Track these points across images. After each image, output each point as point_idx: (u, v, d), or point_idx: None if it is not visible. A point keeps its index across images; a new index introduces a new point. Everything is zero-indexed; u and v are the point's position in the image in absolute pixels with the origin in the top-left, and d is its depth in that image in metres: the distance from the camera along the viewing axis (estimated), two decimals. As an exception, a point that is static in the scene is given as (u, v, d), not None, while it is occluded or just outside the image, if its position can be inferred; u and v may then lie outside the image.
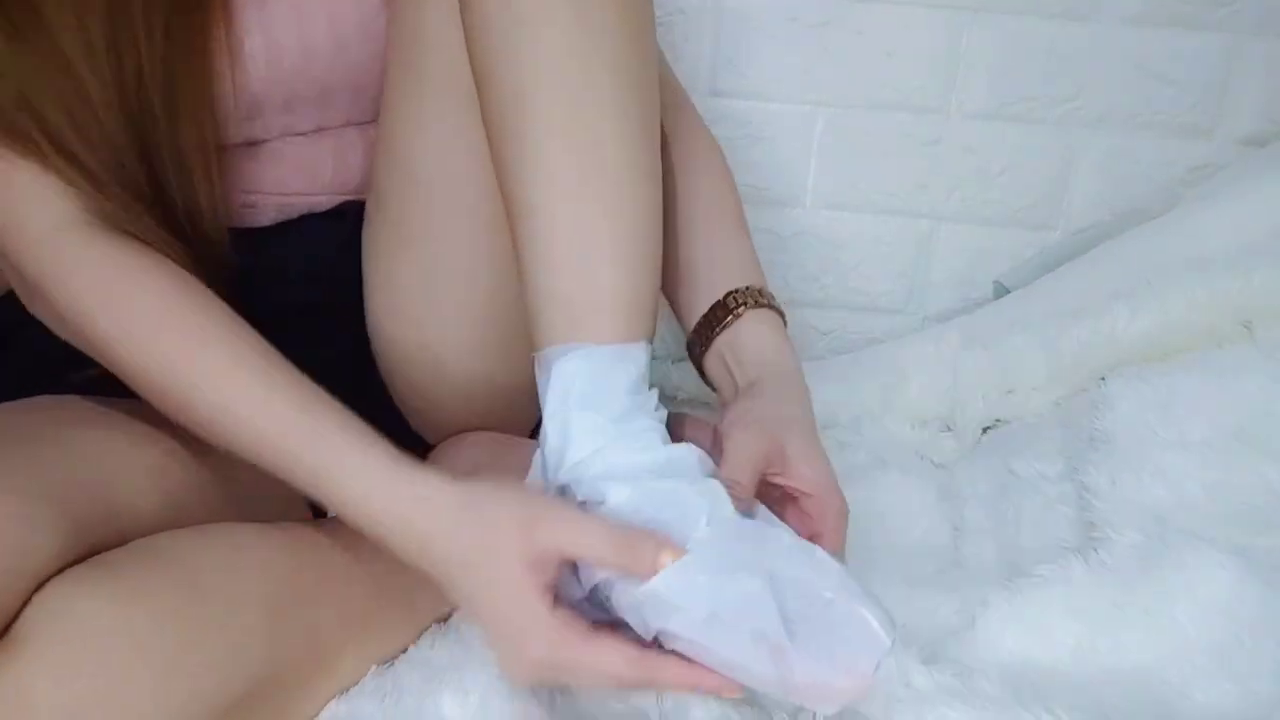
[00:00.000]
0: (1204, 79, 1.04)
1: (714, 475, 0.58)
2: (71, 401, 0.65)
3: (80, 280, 0.61)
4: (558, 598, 0.55)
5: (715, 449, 0.67)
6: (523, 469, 0.67)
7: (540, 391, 0.61)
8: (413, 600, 0.66)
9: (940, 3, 1.02)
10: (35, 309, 0.68)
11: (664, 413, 0.62)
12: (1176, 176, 1.07)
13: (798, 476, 0.61)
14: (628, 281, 0.60)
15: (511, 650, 0.55)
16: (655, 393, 0.62)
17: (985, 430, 0.94)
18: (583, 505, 0.57)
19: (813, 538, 0.58)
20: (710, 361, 0.70)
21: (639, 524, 0.55)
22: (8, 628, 0.49)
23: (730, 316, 0.68)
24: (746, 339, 0.68)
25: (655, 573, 0.53)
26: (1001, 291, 1.09)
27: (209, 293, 0.62)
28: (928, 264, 1.10)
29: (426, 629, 0.67)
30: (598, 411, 0.58)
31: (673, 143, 0.72)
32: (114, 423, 0.62)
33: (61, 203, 0.61)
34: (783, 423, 0.62)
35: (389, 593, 0.58)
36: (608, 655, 0.54)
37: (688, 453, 0.59)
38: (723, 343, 0.69)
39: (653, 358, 0.62)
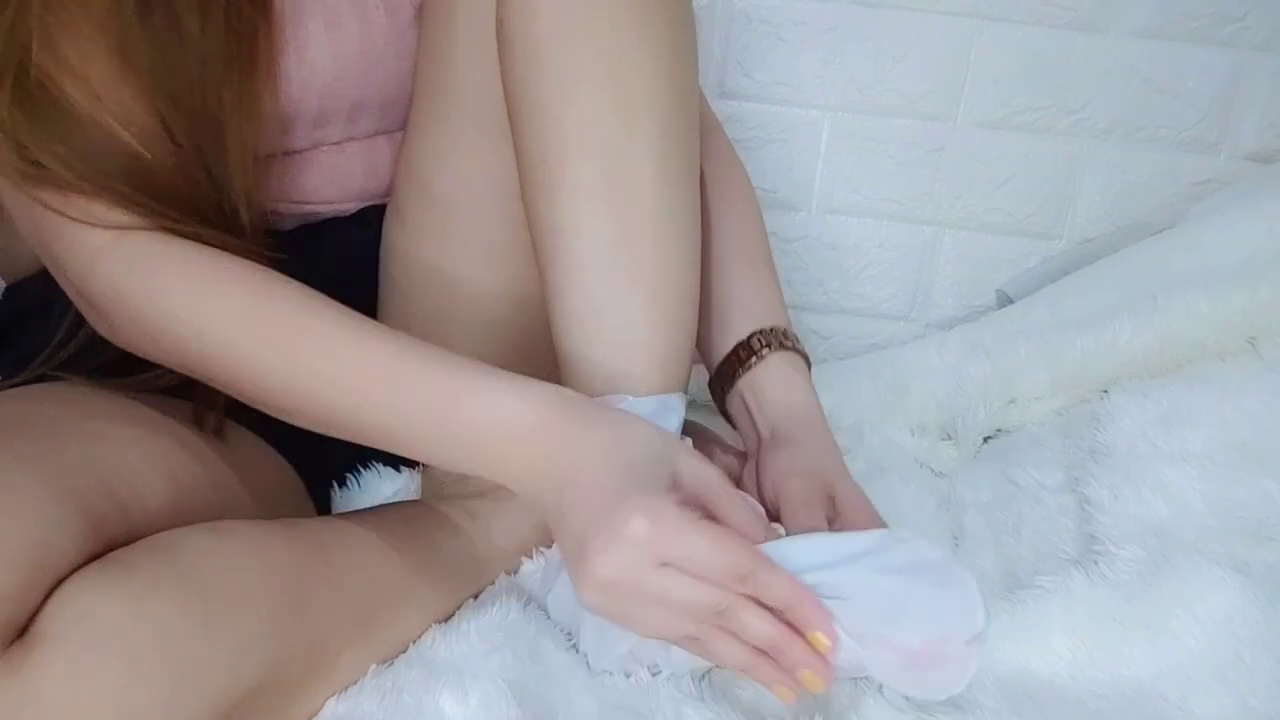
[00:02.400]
0: (1211, 94, 1.04)
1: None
2: (79, 391, 0.64)
3: (160, 279, 0.59)
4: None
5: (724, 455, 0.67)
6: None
7: None
8: (414, 599, 0.66)
9: (950, 11, 1.02)
10: (100, 328, 0.65)
11: None
12: (1181, 190, 1.07)
13: (851, 524, 0.61)
14: (665, 335, 0.60)
15: (606, 535, 0.51)
16: (689, 442, 0.62)
17: (986, 439, 0.94)
18: None
19: None
20: (732, 402, 0.69)
21: None
22: (26, 627, 0.49)
23: (754, 358, 0.68)
24: (769, 382, 0.68)
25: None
26: (1005, 300, 1.09)
27: (285, 277, 0.61)
28: (931, 271, 1.10)
29: (427, 628, 0.67)
30: None
31: (703, 170, 0.70)
32: (122, 415, 0.62)
33: (114, 215, 0.60)
34: (826, 470, 0.63)
35: (391, 592, 0.58)
36: (726, 539, 0.51)
37: None
38: (745, 385, 0.68)
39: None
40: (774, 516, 0.63)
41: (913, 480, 0.88)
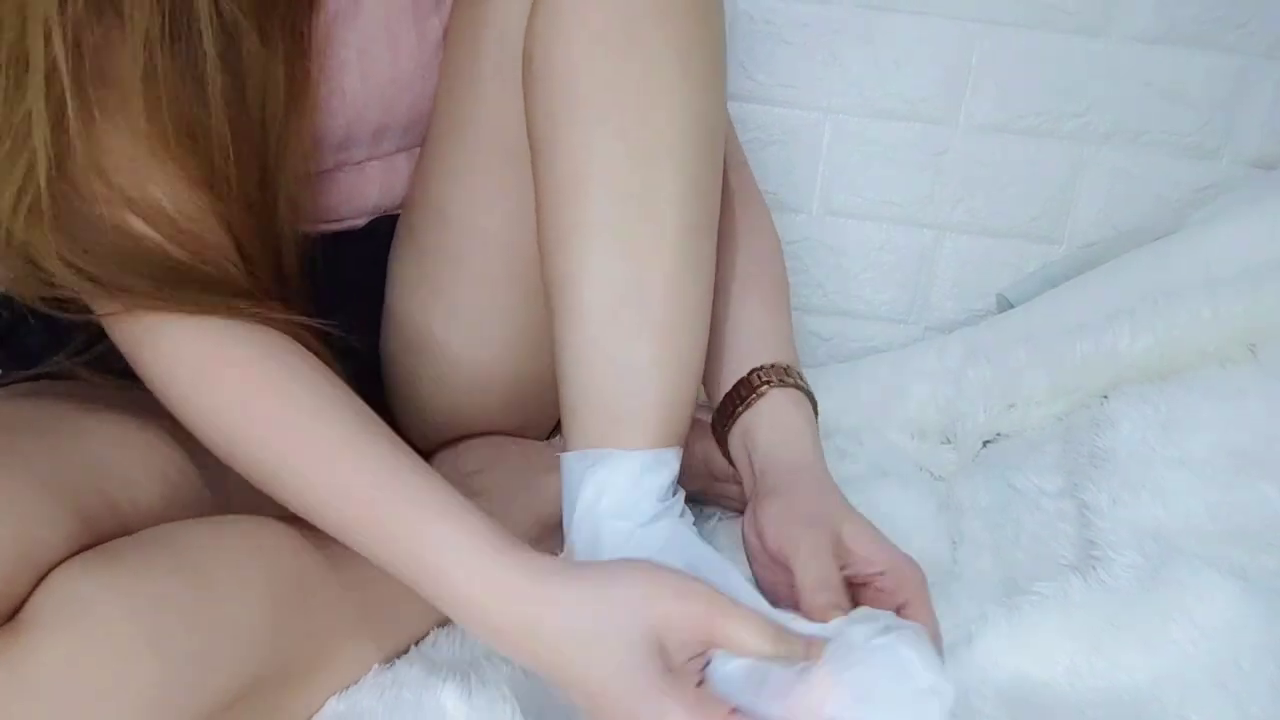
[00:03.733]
0: (1213, 99, 1.04)
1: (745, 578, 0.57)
2: (71, 387, 0.64)
3: (167, 362, 0.58)
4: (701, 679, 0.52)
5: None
6: (529, 467, 0.67)
7: (567, 488, 0.60)
8: (415, 596, 0.65)
9: (952, 14, 1.02)
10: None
11: (689, 517, 0.61)
12: (1183, 196, 1.07)
13: (865, 561, 0.59)
14: (669, 392, 0.59)
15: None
16: (682, 495, 0.61)
17: (985, 444, 0.94)
18: None
19: (898, 611, 0.57)
20: (732, 442, 0.67)
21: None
22: (13, 615, 0.49)
23: (753, 395, 0.66)
24: (765, 422, 0.66)
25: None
26: (1005, 304, 1.09)
27: (298, 356, 0.59)
28: (931, 274, 1.10)
29: (429, 625, 0.67)
30: (628, 519, 0.57)
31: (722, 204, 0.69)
32: (116, 412, 0.62)
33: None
34: (828, 515, 0.60)
35: (392, 587, 0.57)
36: None
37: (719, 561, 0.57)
38: (741, 424, 0.66)
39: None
40: (783, 565, 0.60)
41: (912, 484, 0.88)
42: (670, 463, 0.60)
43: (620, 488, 0.58)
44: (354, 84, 0.67)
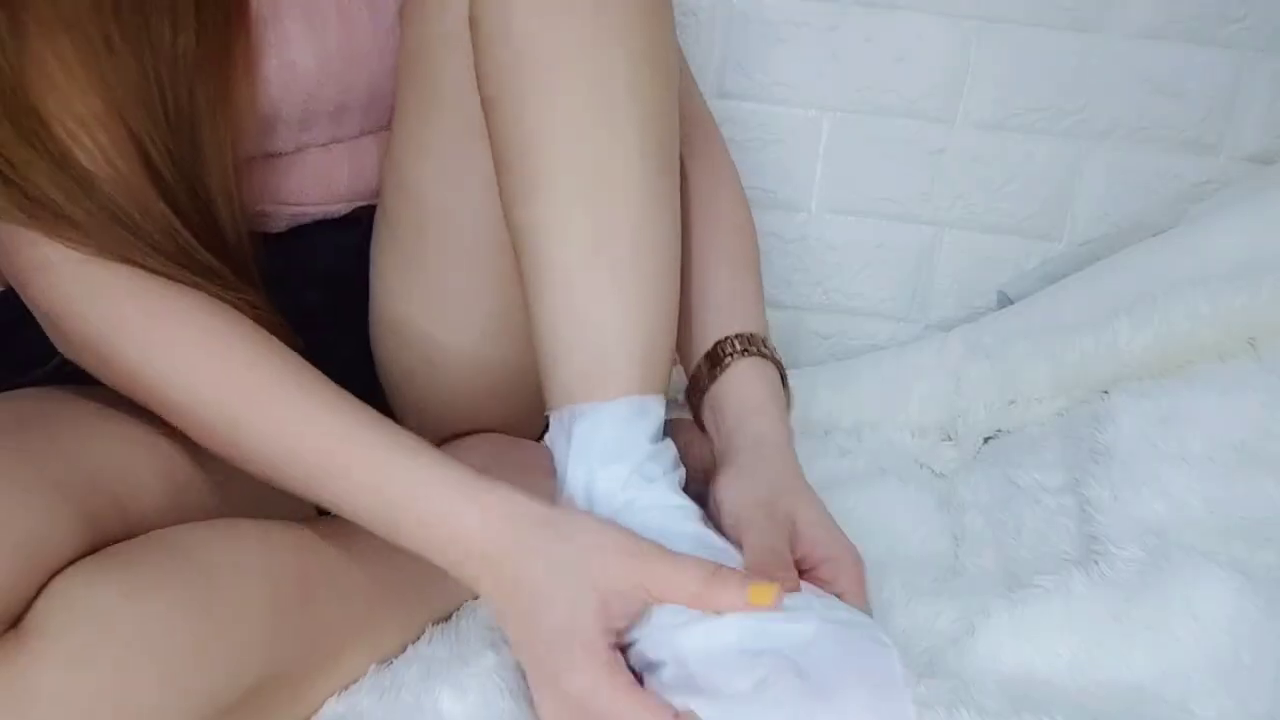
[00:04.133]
0: (1211, 94, 1.04)
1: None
2: (76, 390, 0.64)
3: (102, 309, 0.59)
4: (619, 641, 0.53)
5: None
6: (528, 467, 0.67)
7: (555, 448, 0.61)
8: (413, 598, 0.66)
9: (949, 11, 1.02)
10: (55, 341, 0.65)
11: (682, 471, 0.61)
12: (1182, 191, 1.07)
13: (813, 545, 0.60)
14: (644, 340, 0.59)
15: (549, 678, 0.53)
16: (671, 444, 0.61)
17: (986, 440, 0.94)
18: None
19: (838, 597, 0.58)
20: (705, 414, 0.68)
21: None
22: (19, 619, 0.49)
23: (718, 369, 0.67)
24: (731, 392, 0.66)
25: (737, 606, 0.52)
26: (1004, 301, 1.09)
27: (243, 318, 0.60)
28: (931, 271, 1.10)
29: (426, 627, 0.67)
30: (621, 463, 0.58)
31: (689, 170, 0.69)
32: (122, 414, 0.62)
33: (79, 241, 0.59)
34: (785, 496, 0.61)
35: (391, 591, 0.58)
36: (648, 714, 0.51)
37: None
38: (710, 395, 0.67)
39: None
40: (736, 543, 0.61)
41: (913, 481, 0.88)
42: (654, 409, 0.60)
43: (608, 435, 0.58)
44: (305, 60, 0.67)
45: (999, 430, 0.94)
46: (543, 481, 0.75)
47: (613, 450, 0.58)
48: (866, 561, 0.63)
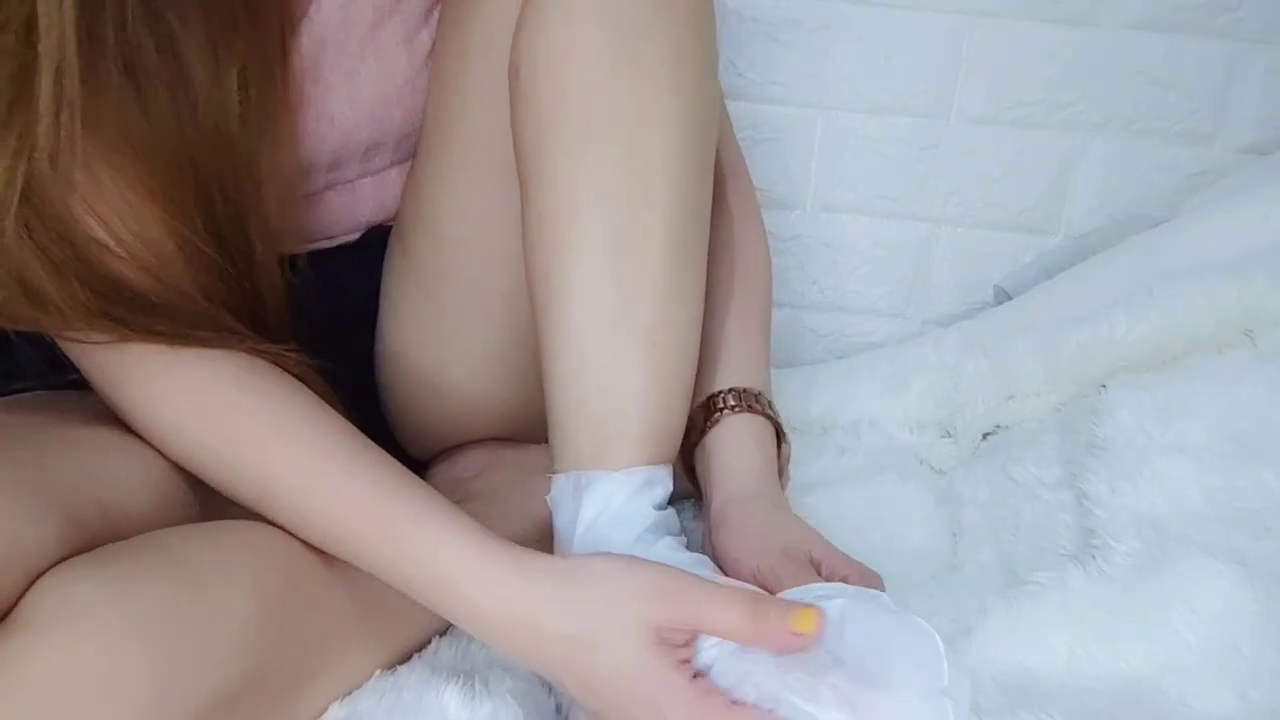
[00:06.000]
0: (1205, 86, 1.04)
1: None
2: (67, 398, 0.64)
3: (147, 390, 0.59)
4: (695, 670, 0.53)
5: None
6: (522, 467, 0.67)
7: (559, 508, 0.60)
8: (410, 600, 0.65)
9: (941, 7, 1.02)
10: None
11: (684, 538, 0.61)
12: (1177, 183, 1.07)
13: (833, 571, 0.60)
14: (658, 412, 0.59)
15: None
16: (673, 513, 0.61)
17: (985, 436, 0.94)
18: None
19: None
20: (697, 463, 0.68)
21: None
22: (3, 617, 0.49)
23: (709, 423, 0.66)
24: (721, 447, 0.66)
25: (788, 645, 0.51)
26: (1001, 296, 1.08)
27: (281, 378, 0.60)
28: (927, 268, 1.10)
29: (433, 631, 0.67)
30: (625, 529, 0.58)
31: (715, 213, 0.67)
32: (108, 421, 0.62)
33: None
34: (794, 541, 0.61)
35: (394, 595, 0.58)
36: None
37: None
38: (704, 446, 0.67)
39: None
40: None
41: (911, 477, 0.88)
42: (663, 479, 0.60)
43: (619, 503, 0.58)
44: (343, 108, 0.67)
45: (997, 426, 0.94)
46: (540, 481, 0.75)
47: (619, 518, 0.58)
48: (866, 560, 0.63)
